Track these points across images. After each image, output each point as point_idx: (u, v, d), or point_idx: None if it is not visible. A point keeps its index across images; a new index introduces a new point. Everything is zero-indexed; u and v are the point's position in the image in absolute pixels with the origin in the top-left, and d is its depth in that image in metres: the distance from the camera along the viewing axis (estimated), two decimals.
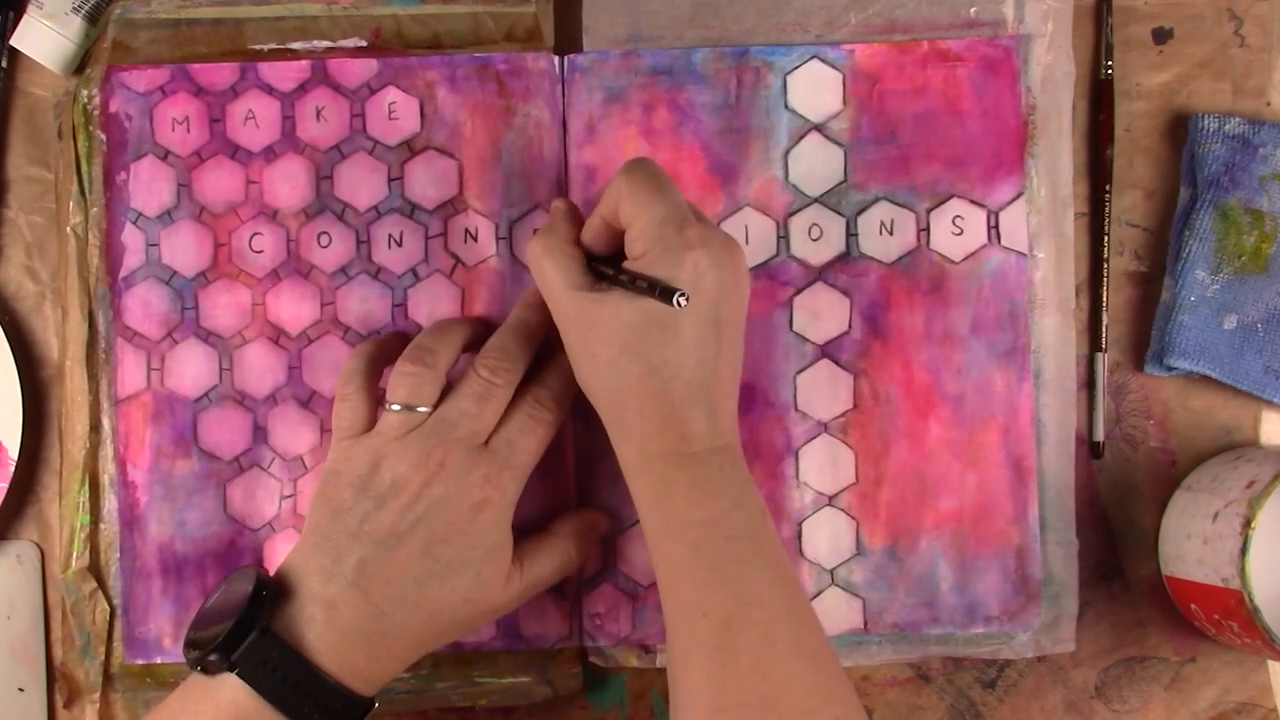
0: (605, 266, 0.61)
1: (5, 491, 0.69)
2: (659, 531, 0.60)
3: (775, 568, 0.58)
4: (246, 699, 0.57)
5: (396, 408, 0.61)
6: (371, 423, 0.62)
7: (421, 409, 0.61)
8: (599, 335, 0.59)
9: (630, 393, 0.59)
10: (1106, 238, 0.69)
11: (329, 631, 0.58)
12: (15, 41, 0.69)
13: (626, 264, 0.60)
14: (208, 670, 0.58)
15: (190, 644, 0.59)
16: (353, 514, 0.60)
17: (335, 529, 0.60)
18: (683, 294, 0.55)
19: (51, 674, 0.70)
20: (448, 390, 0.62)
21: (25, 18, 0.69)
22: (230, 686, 0.57)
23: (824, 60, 0.69)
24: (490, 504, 0.61)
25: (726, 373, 0.60)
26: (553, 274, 0.61)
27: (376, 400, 0.63)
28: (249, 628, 0.57)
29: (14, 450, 0.70)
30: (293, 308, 0.69)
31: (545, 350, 0.65)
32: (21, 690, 0.70)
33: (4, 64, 0.71)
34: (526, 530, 0.65)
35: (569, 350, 0.62)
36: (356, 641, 0.59)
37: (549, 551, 0.64)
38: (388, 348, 0.65)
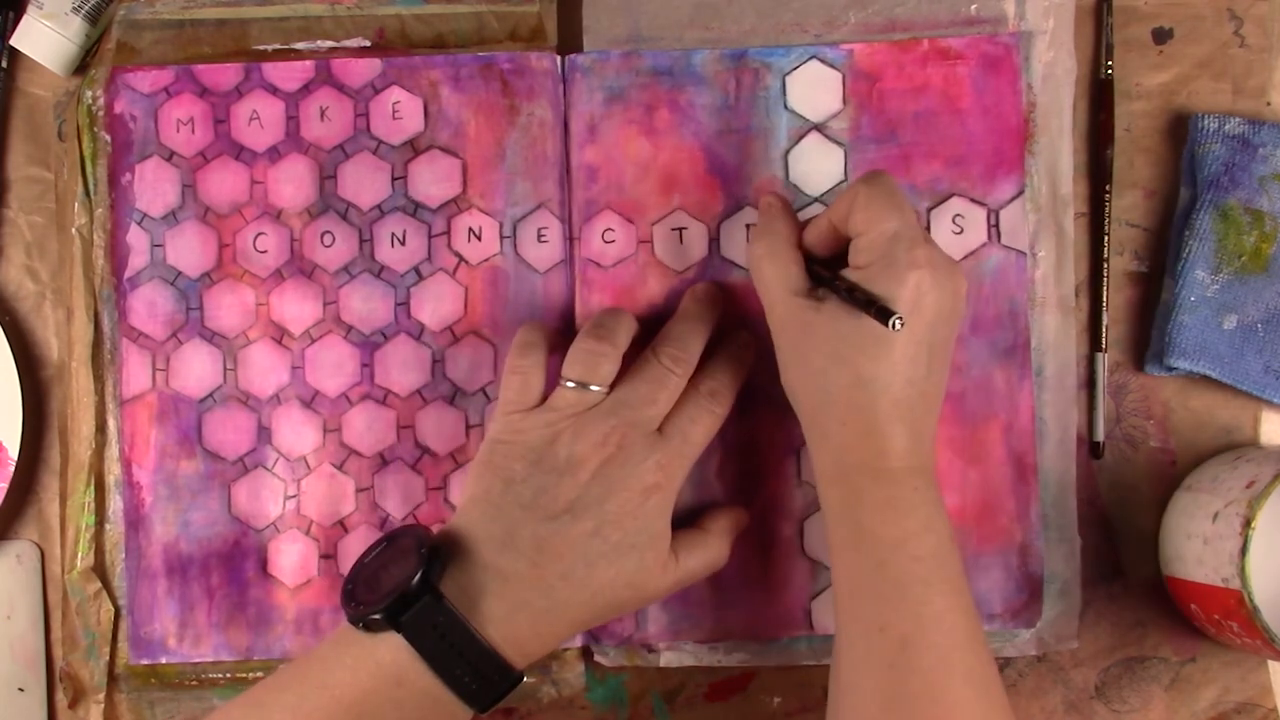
0: (825, 271, 0.61)
1: (5, 491, 0.69)
2: (845, 542, 0.59)
3: (957, 595, 0.58)
4: (408, 660, 0.57)
5: (572, 384, 0.61)
6: (541, 398, 0.62)
7: (595, 388, 0.61)
8: (812, 342, 0.59)
9: (835, 402, 0.59)
10: (1106, 237, 0.69)
11: (499, 602, 0.58)
12: (15, 41, 0.69)
13: (846, 272, 0.60)
14: (370, 628, 0.57)
15: (351, 598, 0.58)
16: (526, 486, 0.60)
17: (507, 500, 0.60)
18: (899, 317, 0.55)
19: (51, 674, 0.70)
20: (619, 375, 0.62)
21: (25, 18, 0.69)
22: (390, 646, 0.57)
23: (823, 60, 0.69)
24: (660, 489, 0.61)
25: (932, 395, 0.60)
26: (772, 277, 0.61)
27: (546, 375, 0.63)
28: (421, 590, 0.57)
29: (14, 450, 0.69)
30: (296, 307, 0.69)
31: (713, 342, 0.65)
32: (21, 690, 0.70)
33: (4, 64, 0.71)
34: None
35: (780, 352, 0.62)
36: (523, 614, 0.58)
37: (703, 546, 0.64)
38: (555, 329, 0.66)
